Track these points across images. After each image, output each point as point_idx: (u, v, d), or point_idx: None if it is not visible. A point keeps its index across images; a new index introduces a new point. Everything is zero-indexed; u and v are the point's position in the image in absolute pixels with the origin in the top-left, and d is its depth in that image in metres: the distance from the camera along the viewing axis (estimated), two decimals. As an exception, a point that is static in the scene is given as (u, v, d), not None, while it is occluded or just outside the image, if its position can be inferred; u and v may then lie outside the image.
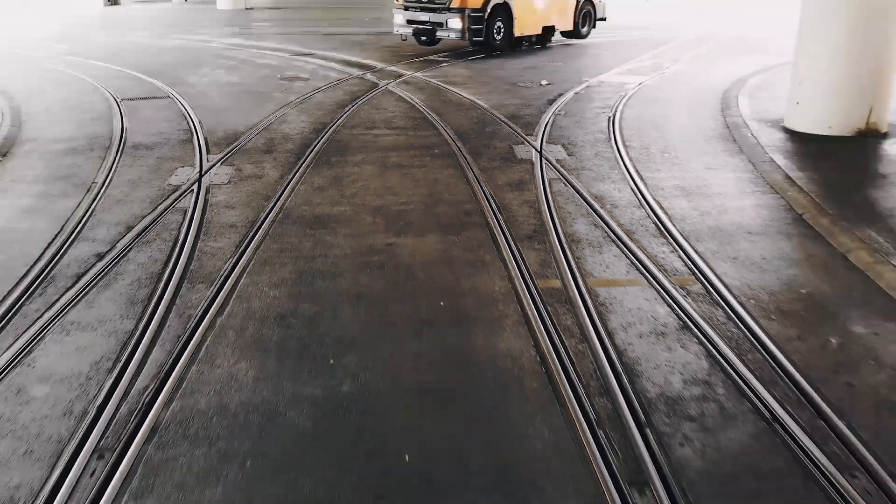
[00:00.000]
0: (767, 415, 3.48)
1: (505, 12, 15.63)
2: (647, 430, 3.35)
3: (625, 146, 8.36)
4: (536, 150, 8.19)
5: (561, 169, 7.48)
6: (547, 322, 4.33)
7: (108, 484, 3.04)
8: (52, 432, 3.39)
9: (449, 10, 15.01)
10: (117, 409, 3.54)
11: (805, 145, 8.18)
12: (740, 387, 3.70)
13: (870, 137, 8.37)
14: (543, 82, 12.54)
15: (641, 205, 6.44)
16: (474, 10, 14.96)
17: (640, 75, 13.30)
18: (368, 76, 13.01)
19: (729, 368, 3.86)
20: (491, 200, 6.51)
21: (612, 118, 9.75)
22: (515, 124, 9.40)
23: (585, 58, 15.86)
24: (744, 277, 4.96)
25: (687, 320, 4.37)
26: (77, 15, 26.37)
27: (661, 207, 6.35)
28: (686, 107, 10.55)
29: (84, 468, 3.14)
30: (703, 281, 4.91)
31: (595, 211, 6.27)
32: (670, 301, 4.61)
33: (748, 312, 4.46)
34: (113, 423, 3.43)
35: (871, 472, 3.11)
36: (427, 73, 13.28)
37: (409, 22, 15.84)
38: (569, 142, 8.60)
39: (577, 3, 17.69)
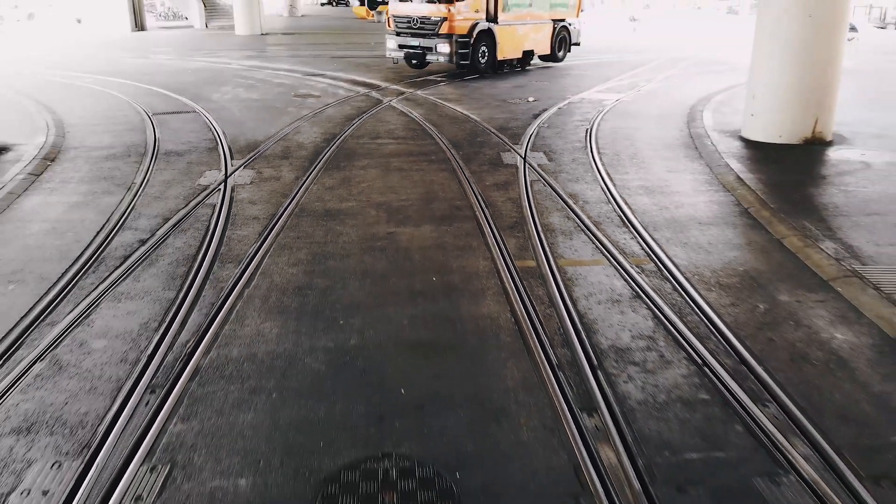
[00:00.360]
0: (699, 361, 3.97)
1: (489, 38, 16.15)
2: (598, 372, 3.83)
3: (599, 153, 8.86)
4: (521, 156, 8.69)
5: (542, 172, 7.98)
6: (521, 292, 4.81)
7: (160, 411, 3.52)
8: (112, 374, 3.87)
9: (438, 35, 15.55)
10: (164, 356, 4.03)
11: (757, 152, 8.68)
12: (678, 340, 4.19)
13: (816, 145, 8.88)
14: (530, 99, 13.07)
15: (609, 201, 6.94)
16: (461, 36, 15.49)
17: (618, 93, 13.83)
18: (373, 94, 13.54)
19: (670, 327, 4.35)
20: (479, 198, 7.00)
21: (589, 130, 10.26)
22: (504, 135, 9.91)
23: (569, 78, 16.40)
24: (691, 258, 5.46)
25: (639, 291, 4.86)
26: (107, 39, 26.96)
27: (626, 203, 6.84)
28: (656, 120, 11.07)
29: (140, 400, 3.62)
30: (656, 261, 5.41)
31: (569, 206, 6.77)
32: (626, 276, 5.11)
33: (692, 285, 4.96)
34: (161, 367, 3.92)
35: (779, 403, 3.59)
36: (425, 91, 13.82)
37: (401, 47, 16.40)
38: (550, 149, 9.11)
39: (554, 29, 18.23)
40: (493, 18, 16.13)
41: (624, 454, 3.15)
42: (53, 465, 3.15)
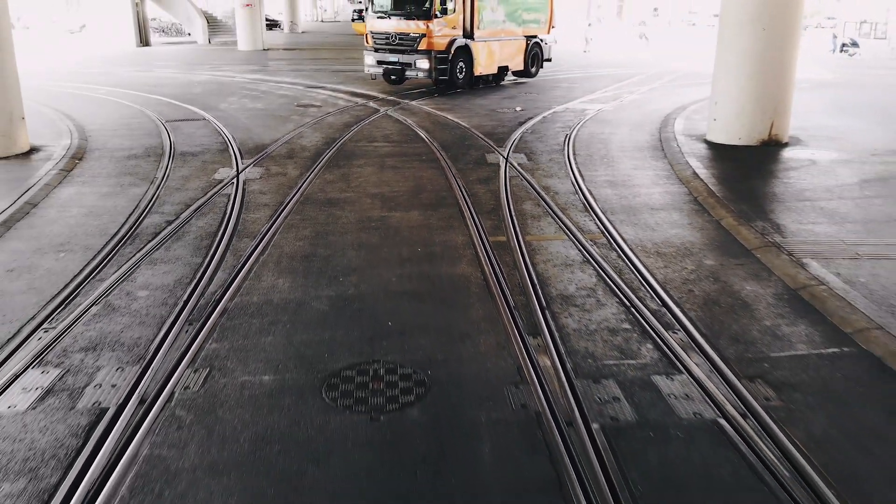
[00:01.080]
0: (627, 304, 5.01)
1: (466, 54, 16.78)
2: (546, 311, 4.87)
3: (574, 154, 9.95)
4: (504, 157, 9.78)
5: (520, 169, 9.06)
6: (492, 258, 5.86)
7: (198, 336, 4.55)
8: (156, 314, 4.91)
9: (417, 52, 16.17)
10: (198, 301, 5.07)
11: (717, 152, 9.77)
12: (614, 290, 5.24)
13: (772, 146, 9.97)
14: (518, 108, 14.21)
15: (577, 192, 8.02)
16: (440, 52, 16.09)
17: (601, 103, 14.97)
18: (370, 104, 14.68)
19: (609, 282, 5.40)
20: (463, 190, 8.07)
21: (569, 135, 11.36)
22: (490, 139, 11.00)
23: (558, 90, 17.55)
24: (638, 234, 6.52)
25: (589, 257, 5.92)
26: (114, 54, 28.24)
27: (591, 194, 7.91)
28: (631, 127, 12.17)
29: (181, 329, 4.66)
30: (608, 236, 6.47)
31: (541, 196, 7.83)
32: (580, 248, 6.16)
33: (634, 253, 6.01)
34: (196, 308, 4.96)
35: (686, 330, 4.63)
36: (420, 102, 14.96)
37: (380, 63, 17.05)
38: (531, 151, 10.20)
39: (527, 45, 18.82)
40: (469, 35, 16.73)
41: (556, 360, 4.19)
42: (117, 369, 4.18)
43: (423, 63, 16.19)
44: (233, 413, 3.70)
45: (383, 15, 16.82)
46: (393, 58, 16.75)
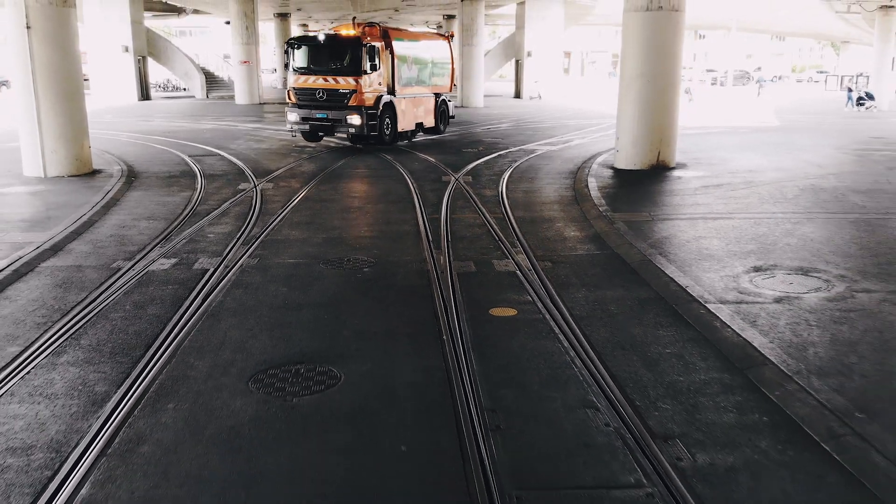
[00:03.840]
0: (496, 239, 9.62)
1: (391, 111, 19.17)
2: (449, 242, 9.47)
3: (509, 177, 14.69)
4: (455, 178, 14.51)
5: (464, 185, 13.78)
6: (426, 224, 10.48)
7: (250, 249, 9.14)
8: (223, 241, 9.50)
9: (348, 108, 18.12)
10: (246, 238, 9.67)
11: (615, 173, 14.51)
12: (492, 236, 9.85)
13: (659, 169, 14.68)
14: (480, 148, 19.08)
15: (498, 196, 12.71)
16: (369, 108, 18.24)
17: (551, 145, 19.87)
18: (357, 145, 19.56)
19: (492, 232, 10.01)
20: (418, 195, 12.75)
21: (512, 166, 16.14)
22: (449, 168, 15.77)
23: (521, 135, 22.51)
24: (524, 214, 11.18)
25: (487, 223, 10.56)
26: (119, 106, 33.56)
27: (508, 197, 12.61)
28: (564, 161, 17.00)
29: (239, 247, 9.24)
30: (505, 215, 11.13)
31: (472, 198, 12.52)
32: (484, 219, 10.81)
33: (517, 221, 10.64)
34: (246, 241, 9.56)
35: (524, 248, 9.20)
36: (398, 144, 19.85)
37: (305, 119, 18.72)
38: (477, 175, 14.95)
39: (436, 102, 21.74)
40: (392, 91, 19.24)
41: (446, 256, 8.75)
42: (208, 258, 8.75)
43: (355, 119, 18.07)
44: (276, 269, 8.28)
45: (307, 71, 18.82)
46: (321, 114, 18.49)
